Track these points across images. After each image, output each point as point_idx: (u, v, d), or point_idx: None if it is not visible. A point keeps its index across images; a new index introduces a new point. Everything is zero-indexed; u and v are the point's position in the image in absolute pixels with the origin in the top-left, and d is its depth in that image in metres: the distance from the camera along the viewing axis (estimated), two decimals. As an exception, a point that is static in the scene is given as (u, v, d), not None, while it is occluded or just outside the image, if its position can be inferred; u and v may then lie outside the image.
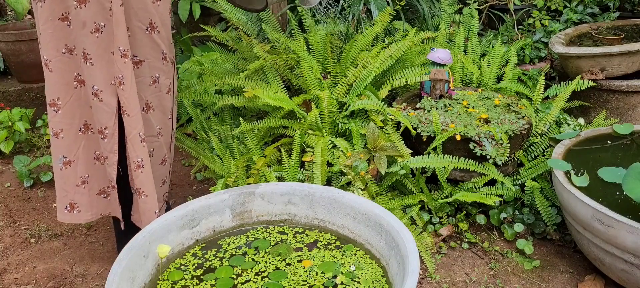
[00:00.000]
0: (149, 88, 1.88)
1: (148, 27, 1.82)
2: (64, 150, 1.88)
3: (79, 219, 1.97)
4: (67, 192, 1.93)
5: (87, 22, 1.71)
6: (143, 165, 1.82)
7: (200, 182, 2.80)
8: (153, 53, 1.86)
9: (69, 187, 1.92)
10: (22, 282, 2.09)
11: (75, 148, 1.89)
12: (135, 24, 1.78)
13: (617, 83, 2.76)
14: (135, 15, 1.77)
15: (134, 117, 1.79)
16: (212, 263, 1.61)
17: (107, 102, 1.78)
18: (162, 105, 1.94)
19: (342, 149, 2.24)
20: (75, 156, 1.90)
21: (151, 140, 1.94)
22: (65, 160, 1.89)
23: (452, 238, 2.26)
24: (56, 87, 1.82)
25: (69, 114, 1.85)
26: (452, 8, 3.33)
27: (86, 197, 1.95)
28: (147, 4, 1.79)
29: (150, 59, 1.86)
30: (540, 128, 2.50)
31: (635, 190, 1.80)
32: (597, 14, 3.47)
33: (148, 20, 1.81)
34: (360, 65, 2.46)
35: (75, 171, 1.91)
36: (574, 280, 2.03)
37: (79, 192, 1.94)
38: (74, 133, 1.87)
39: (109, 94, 1.78)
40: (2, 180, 2.88)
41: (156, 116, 1.93)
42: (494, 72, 2.84)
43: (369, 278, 1.51)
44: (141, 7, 1.78)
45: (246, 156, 2.39)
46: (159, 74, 1.89)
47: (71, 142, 1.88)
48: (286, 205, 1.77)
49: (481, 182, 2.24)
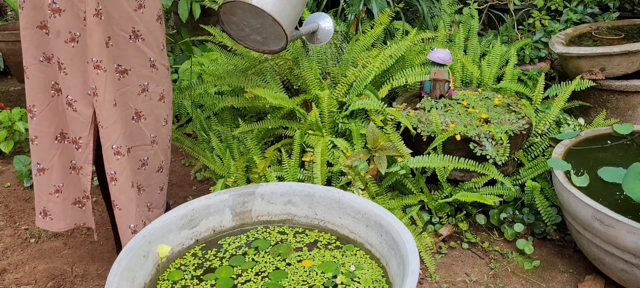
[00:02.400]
0: (139, 97, 1.85)
1: (131, 35, 1.78)
2: (39, 157, 1.86)
3: (52, 227, 1.95)
4: (41, 198, 1.91)
5: (61, 31, 1.69)
6: (116, 177, 1.80)
7: (200, 182, 2.80)
8: (139, 61, 1.83)
9: (43, 194, 1.91)
10: (22, 282, 2.09)
11: (50, 156, 1.86)
12: (117, 32, 1.75)
13: (617, 83, 2.76)
14: (117, 24, 1.74)
15: (108, 129, 1.76)
16: (212, 263, 1.61)
17: (81, 112, 1.76)
18: (155, 113, 1.91)
19: (342, 149, 2.24)
20: (49, 164, 1.87)
21: (145, 148, 1.92)
22: (39, 167, 1.87)
23: (452, 238, 2.26)
24: (32, 94, 1.80)
25: (44, 122, 1.83)
26: (452, 8, 3.33)
27: (59, 206, 1.92)
28: (129, 12, 1.75)
29: (137, 68, 1.83)
30: (540, 128, 2.50)
31: (635, 190, 1.80)
32: (597, 14, 3.47)
33: (131, 29, 1.77)
34: (360, 65, 2.47)
35: (50, 179, 1.89)
36: (574, 280, 2.03)
37: (52, 200, 1.91)
38: (49, 141, 1.85)
39: (83, 104, 1.75)
40: (2, 180, 2.88)
41: (149, 124, 1.90)
42: (494, 72, 2.84)
43: (369, 278, 1.51)
44: (123, 16, 1.74)
45: (246, 157, 2.39)
46: (147, 82, 1.86)
47: (46, 150, 1.86)
48: (286, 205, 1.77)
49: (481, 182, 2.24)
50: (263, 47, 2.11)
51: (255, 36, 2.08)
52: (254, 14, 1.95)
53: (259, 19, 1.97)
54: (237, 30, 2.08)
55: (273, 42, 2.07)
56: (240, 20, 2.02)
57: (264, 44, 2.10)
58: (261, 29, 2.02)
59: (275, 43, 2.07)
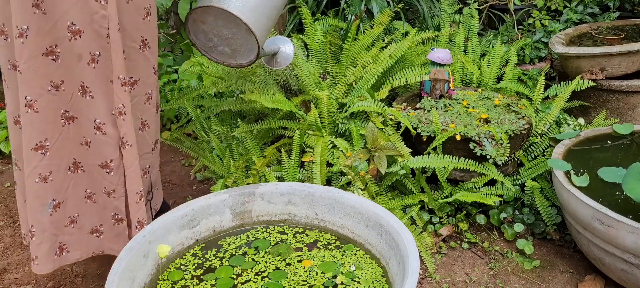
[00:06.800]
0: (144, 106, 1.83)
1: (141, 45, 1.75)
2: (54, 193, 1.72)
3: (68, 260, 1.81)
4: (56, 235, 1.76)
5: (83, 54, 1.60)
6: (142, 195, 1.77)
7: (200, 182, 2.80)
8: (146, 70, 1.79)
9: (58, 229, 1.77)
10: (22, 282, 2.09)
11: (64, 188, 1.74)
12: (129, 45, 1.70)
13: (617, 83, 2.76)
14: (129, 36, 1.69)
15: (134, 147, 1.72)
16: (212, 263, 1.61)
17: (110, 135, 1.69)
18: (155, 120, 1.89)
19: (342, 149, 2.24)
20: (64, 197, 1.74)
21: (147, 156, 1.90)
22: (55, 203, 1.73)
23: (452, 238, 2.26)
24: (43, 127, 1.65)
25: (57, 155, 1.69)
26: (452, 8, 3.33)
27: (75, 237, 1.80)
28: (139, 22, 1.71)
29: (144, 77, 1.79)
30: (540, 128, 2.50)
31: (635, 190, 1.80)
32: (597, 14, 3.47)
33: (140, 38, 1.74)
34: (360, 65, 2.47)
35: (65, 211, 1.76)
36: (574, 280, 2.03)
37: (68, 232, 1.79)
38: (63, 174, 1.72)
39: (110, 125, 1.69)
40: (2, 180, 2.88)
41: (151, 132, 1.89)
42: (494, 72, 2.84)
43: (369, 278, 1.51)
44: (134, 26, 1.70)
45: (245, 157, 2.39)
46: (152, 90, 1.84)
47: (60, 183, 1.73)
48: (286, 205, 1.77)
49: (481, 182, 2.24)
50: (230, 60, 2.01)
51: (223, 47, 1.98)
52: (226, 22, 1.86)
53: (231, 28, 1.88)
54: (204, 41, 1.96)
55: (242, 55, 1.97)
56: (210, 28, 1.91)
57: (232, 56, 1.99)
58: (232, 39, 1.93)
59: (245, 56, 1.97)
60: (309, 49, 2.65)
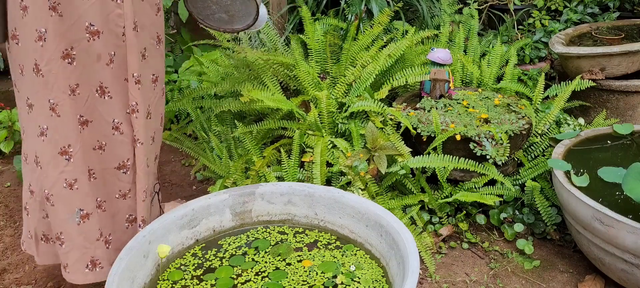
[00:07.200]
0: (160, 100, 1.84)
1: (157, 41, 1.76)
2: (81, 202, 1.68)
3: (101, 277, 1.75)
4: (87, 249, 1.71)
5: (101, 54, 1.61)
6: (147, 194, 1.77)
7: (200, 182, 2.80)
8: (162, 65, 1.81)
9: (90, 242, 1.71)
10: (22, 282, 2.09)
11: (91, 198, 1.70)
12: (149, 42, 1.71)
13: (617, 83, 2.76)
14: (148, 32, 1.70)
15: (145, 144, 1.72)
16: (212, 263, 1.61)
17: (126, 133, 1.69)
18: (159, 111, 1.89)
19: (342, 149, 2.24)
20: (92, 208, 1.70)
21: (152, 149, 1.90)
22: (83, 213, 1.69)
23: (452, 238, 2.26)
24: (65, 132, 1.63)
25: (81, 161, 1.66)
26: (452, 8, 3.33)
27: (103, 250, 1.75)
28: (153, 17, 1.72)
29: (161, 72, 1.81)
30: (540, 128, 2.50)
31: (635, 190, 1.80)
32: (597, 14, 3.47)
33: (156, 34, 1.75)
34: (359, 65, 2.46)
35: (95, 223, 1.72)
36: (574, 280, 2.03)
37: (100, 247, 1.74)
38: (86, 181, 1.69)
39: (126, 124, 1.69)
40: (2, 180, 2.87)
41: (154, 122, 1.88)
42: (494, 72, 2.84)
43: (369, 278, 1.51)
44: (150, 22, 1.71)
45: (245, 158, 2.39)
46: (164, 85, 1.87)
47: (86, 193, 1.69)
48: (286, 205, 1.77)
49: (481, 182, 2.24)
50: (226, 26, 2.09)
51: (221, 14, 2.06)
52: None
53: None
54: (202, 8, 2.05)
55: (239, 20, 2.06)
56: None
57: (229, 22, 2.08)
58: (230, 5, 2.02)
59: (242, 21, 2.06)
60: (309, 49, 2.65)
